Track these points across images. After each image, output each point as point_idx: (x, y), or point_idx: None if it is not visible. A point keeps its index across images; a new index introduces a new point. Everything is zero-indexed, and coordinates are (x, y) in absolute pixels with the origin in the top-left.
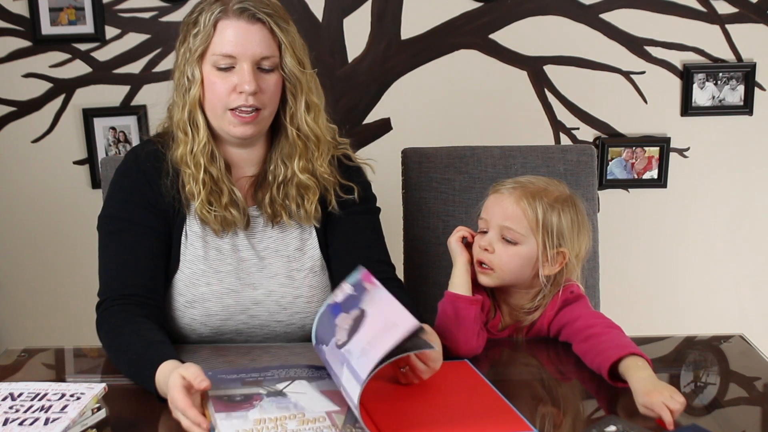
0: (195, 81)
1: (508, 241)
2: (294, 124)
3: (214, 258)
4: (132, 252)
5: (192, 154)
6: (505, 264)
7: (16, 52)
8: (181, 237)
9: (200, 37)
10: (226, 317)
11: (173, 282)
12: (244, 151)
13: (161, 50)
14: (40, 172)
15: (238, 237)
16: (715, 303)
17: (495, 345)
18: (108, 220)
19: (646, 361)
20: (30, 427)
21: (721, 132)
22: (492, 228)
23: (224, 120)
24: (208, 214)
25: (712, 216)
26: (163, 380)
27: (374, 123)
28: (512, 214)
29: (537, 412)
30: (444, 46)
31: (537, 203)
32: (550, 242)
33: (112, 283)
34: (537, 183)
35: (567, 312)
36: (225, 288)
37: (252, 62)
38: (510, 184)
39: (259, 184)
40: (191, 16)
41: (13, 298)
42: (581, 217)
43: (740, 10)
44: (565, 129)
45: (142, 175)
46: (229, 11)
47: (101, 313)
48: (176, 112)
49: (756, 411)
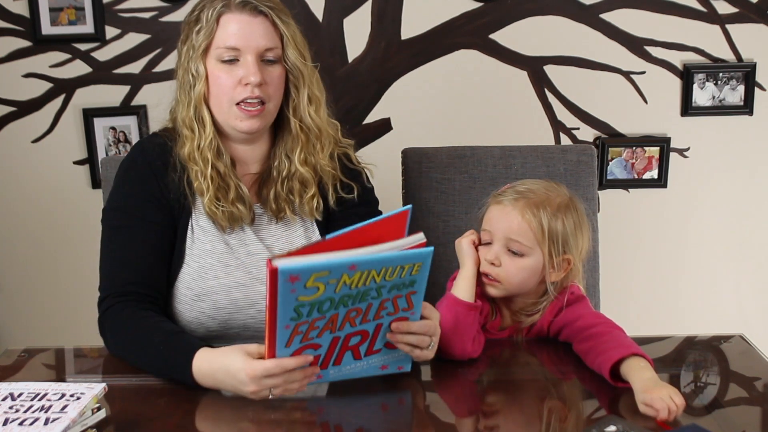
0: (200, 77)
1: (514, 253)
2: (297, 115)
3: (222, 252)
4: (136, 247)
5: (199, 149)
6: (512, 276)
7: (16, 52)
8: (187, 231)
9: (203, 33)
10: (234, 311)
11: (180, 276)
12: (248, 148)
13: (161, 50)
14: (40, 172)
15: (244, 233)
16: (715, 303)
17: (495, 345)
18: (113, 213)
19: (648, 361)
20: (30, 427)
21: (721, 132)
22: (497, 240)
23: (230, 114)
24: (216, 210)
25: (712, 216)
26: (206, 365)
27: (374, 123)
28: (518, 228)
29: (537, 412)
30: (444, 46)
31: (542, 214)
32: (556, 250)
33: (115, 278)
34: (538, 191)
35: (568, 312)
36: (234, 281)
37: (256, 54)
38: (511, 194)
39: (263, 181)
40: (192, 15)
41: (13, 298)
42: (582, 218)
43: (740, 10)
44: (565, 129)
45: (149, 169)
46: (231, 5)
47: (106, 310)
48: (181, 110)
49: (756, 411)
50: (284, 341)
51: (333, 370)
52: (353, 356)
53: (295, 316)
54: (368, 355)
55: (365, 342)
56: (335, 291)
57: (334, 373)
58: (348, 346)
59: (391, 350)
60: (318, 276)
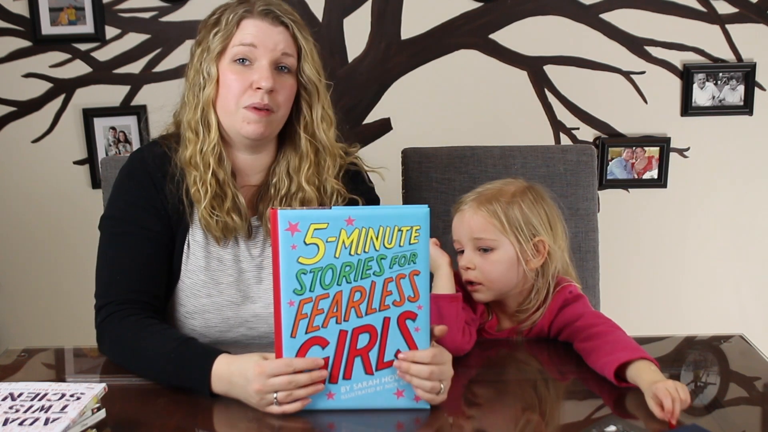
0: (211, 79)
1: (484, 251)
2: (308, 131)
3: (215, 269)
4: (135, 256)
5: (201, 153)
6: (489, 273)
7: (16, 52)
8: (184, 246)
9: (221, 35)
10: (225, 329)
11: (174, 291)
12: (251, 157)
13: (161, 50)
14: (40, 172)
15: (239, 248)
16: (716, 303)
17: (494, 345)
18: (112, 222)
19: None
20: (30, 427)
21: (721, 132)
22: (466, 245)
23: (237, 117)
24: (210, 218)
25: (712, 216)
26: (225, 369)
27: (374, 123)
28: (477, 225)
29: (536, 412)
30: (444, 46)
31: (495, 205)
32: (523, 236)
33: (116, 286)
34: (492, 187)
35: (567, 312)
36: (225, 300)
37: (271, 59)
38: (469, 196)
39: (260, 196)
40: (212, 18)
41: (13, 298)
42: (544, 202)
43: (740, 10)
44: (565, 129)
45: (149, 178)
46: (254, 11)
47: (106, 317)
48: (188, 112)
49: (756, 411)
50: (290, 326)
51: (344, 387)
52: (364, 368)
53: (299, 287)
54: (380, 370)
55: (374, 346)
56: (335, 255)
57: (346, 392)
58: (357, 349)
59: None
60: (317, 228)
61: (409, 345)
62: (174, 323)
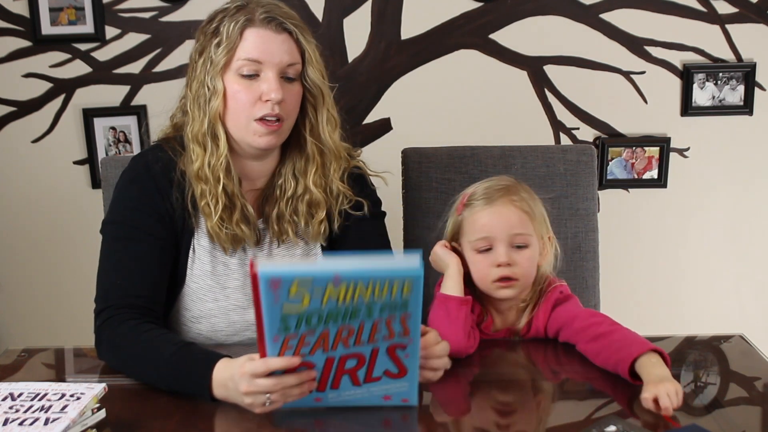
0: (217, 92)
1: (519, 247)
2: (314, 135)
3: (221, 273)
4: (139, 260)
5: (210, 167)
6: (527, 270)
7: (16, 52)
8: (189, 251)
9: (224, 47)
10: (231, 333)
11: (179, 296)
12: (258, 164)
13: (161, 50)
14: (40, 172)
15: (245, 253)
16: (716, 303)
17: (491, 345)
18: (114, 227)
19: (662, 355)
20: (30, 427)
21: (721, 132)
22: (500, 241)
23: (248, 131)
24: (220, 231)
25: (712, 216)
26: (222, 374)
27: (374, 123)
28: (517, 220)
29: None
30: (444, 46)
31: (521, 200)
32: (544, 230)
33: (116, 290)
34: (501, 183)
35: (561, 312)
36: (232, 304)
37: (278, 70)
38: (482, 197)
39: (266, 198)
40: (210, 26)
41: (13, 298)
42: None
43: (740, 10)
44: (565, 129)
45: (153, 183)
46: (255, 20)
47: (104, 321)
48: (193, 125)
49: (756, 411)
50: (275, 354)
51: (332, 394)
52: (351, 382)
53: (283, 327)
54: (368, 383)
55: (362, 367)
56: (321, 304)
57: (334, 397)
58: (344, 369)
59: (392, 380)
60: (301, 282)
61: (399, 369)
62: (179, 328)
